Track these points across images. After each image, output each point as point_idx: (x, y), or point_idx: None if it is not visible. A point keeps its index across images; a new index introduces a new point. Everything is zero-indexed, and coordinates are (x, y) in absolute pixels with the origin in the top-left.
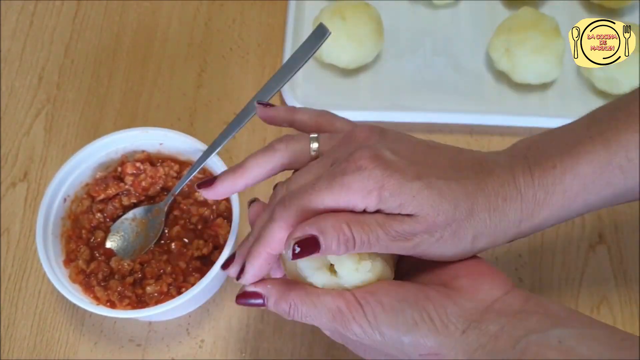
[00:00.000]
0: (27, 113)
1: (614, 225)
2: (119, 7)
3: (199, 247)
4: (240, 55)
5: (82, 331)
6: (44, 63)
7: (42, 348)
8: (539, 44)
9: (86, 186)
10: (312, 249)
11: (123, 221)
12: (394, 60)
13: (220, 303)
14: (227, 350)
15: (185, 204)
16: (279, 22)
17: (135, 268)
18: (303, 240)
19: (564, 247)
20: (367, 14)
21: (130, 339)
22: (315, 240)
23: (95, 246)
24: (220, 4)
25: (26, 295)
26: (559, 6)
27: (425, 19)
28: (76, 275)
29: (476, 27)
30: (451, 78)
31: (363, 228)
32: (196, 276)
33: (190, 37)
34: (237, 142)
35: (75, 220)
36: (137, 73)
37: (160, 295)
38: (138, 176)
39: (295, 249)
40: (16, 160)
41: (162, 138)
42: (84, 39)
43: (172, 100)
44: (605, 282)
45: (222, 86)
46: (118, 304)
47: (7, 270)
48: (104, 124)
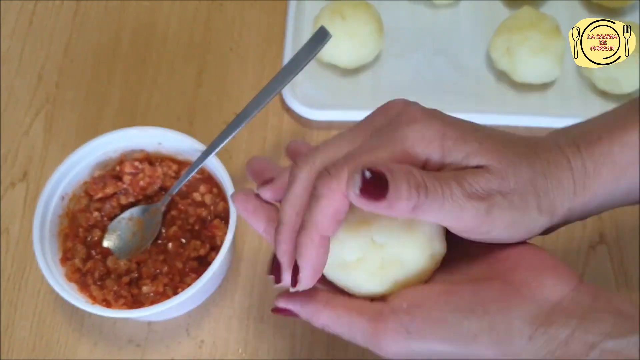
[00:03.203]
0: (27, 113)
1: (615, 225)
2: (119, 7)
3: (196, 247)
4: (240, 55)
5: (82, 331)
6: (44, 62)
7: (42, 348)
8: (540, 43)
9: (84, 184)
10: (378, 192)
11: (120, 220)
12: (394, 60)
13: (220, 303)
14: (226, 351)
15: (183, 204)
16: (279, 22)
17: (132, 268)
18: (369, 178)
19: (565, 246)
20: (367, 13)
21: (130, 340)
22: (382, 180)
23: (92, 245)
24: (220, 4)
25: (25, 295)
26: (559, 6)
27: (425, 19)
28: (72, 273)
29: (476, 27)
30: (451, 78)
31: (435, 177)
32: (193, 277)
33: (190, 37)
34: (237, 142)
35: (73, 218)
36: (137, 73)
37: (156, 296)
38: (136, 175)
39: (365, 175)
40: (15, 160)
41: (161, 138)
42: (84, 38)
43: (172, 100)
44: (605, 282)
45: (221, 86)
46: (114, 303)
47: (6, 271)
48: (104, 123)
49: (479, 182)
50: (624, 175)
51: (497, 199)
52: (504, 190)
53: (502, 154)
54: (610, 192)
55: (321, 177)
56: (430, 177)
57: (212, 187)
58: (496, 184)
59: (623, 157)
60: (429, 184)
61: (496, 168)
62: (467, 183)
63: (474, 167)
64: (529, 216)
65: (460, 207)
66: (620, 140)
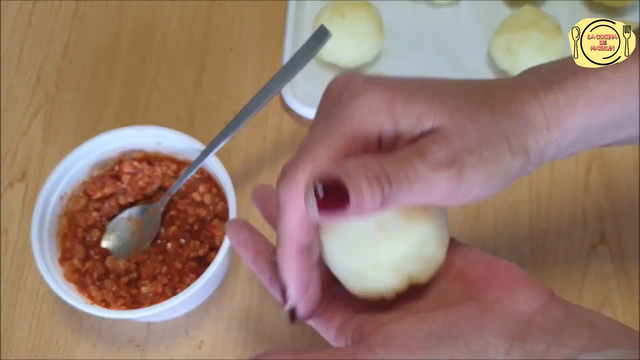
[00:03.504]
0: (26, 113)
1: (616, 225)
2: (118, 7)
3: (195, 248)
4: (240, 54)
5: (81, 332)
6: (43, 62)
7: (41, 349)
8: (541, 43)
9: (83, 184)
10: (339, 201)
11: (119, 220)
12: (395, 59)
13: (220, 304)
14: (226, 351)
15: (182, 204)
16: (279, 21)
17: (131, 268)
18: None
19: (566, 247)
20: (367, 12)
21: (129, 340)
22: (339, 186)
23: (91, 245)
24: (219, 4)
25: (24, 296)
26: (560, 5)
27: (426, 18)
28: (71, 274)
29: (477, 26)
30: (452, 77)
31: (394, 159)
32: (192, 277)
33: (190, 37)
34: (237, 142)
35: (72, 218)
36: (136, 72)
37: (155, 296)
38: (135, 175)
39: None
40: (14, 160)
41: (160, 137)
42: (83, 38)
43: (172, 100)
44: (607, 283)
45: (221, 86)
46: (112, 303)
47: (5, 271)
48: (103, 123)
49: (440, 147)
50: (600, 111)
51: (465, 159)
52: (469, 146)
53: (456, 107)
54: (585, 128)
55: (279, 183)
56: (389, 162)
57: (211, 187)
58: (459, 143)
59: (600, 92)
60: (391, 170)
61: (453, 125)
62: (429, 153)
63: (430, 131)
64: (503, 163)
65: (429, 181)
66: (597, 75)
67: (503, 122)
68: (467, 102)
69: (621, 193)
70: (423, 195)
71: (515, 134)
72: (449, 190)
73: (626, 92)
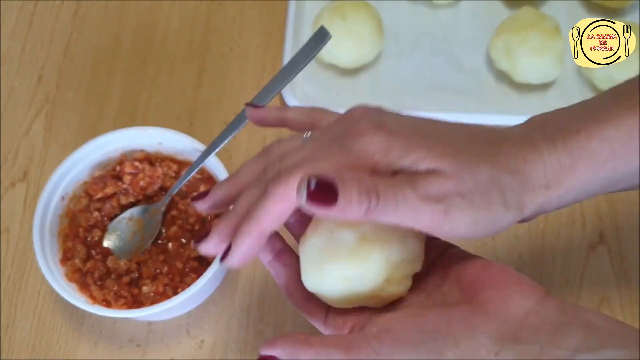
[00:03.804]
0: (27, 113)
1: (615, 225)
2: (119, 7)
3: None
4: (240, 55)
5: (82, 331)
6: (44, 63)
7: (42, 349)
8: (540, 43)
9: (84, 184)
10: (327, 198)
11: (120, 220)
12: (394, 60)
13: (220, 303)
14: (226, 351)
15: (183, 204)
16: (279, 21)
17: (132, 268)
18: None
19: (565, 247)
20: (367, 13)
21: (130, 339)
22: (331, 188)
23: (92, 245)
24: (219, 4)
25: (25, 295)
26: (559, 6)
27: (425, 19)
28: (72, 273)
29: (476, 27)
30: (451, 78)
31: (388, 182)
32: (193, 277)
33: (190, 37)
34: (237, 142)
35: (73, 218)
36: (137, 73)
37: (156, 296)
38: (136, 175)
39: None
40: (15, 160)
41: (161, 138)
42: (84, 38)
43: (172, 100)
44: (605, 283)
45: (221, 86)
46: (114, 303)
47: (6, 271)
48: (104, 123)
49: (432, 184)
50: (602, 169)
51: (455, 200)
52: (462, 191)
53: (454, 158)
54: (587, 184)
55: (273, 180)
56: (382, 182)
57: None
58: (452, 186)
59: (602, 152)
60: (381, 189)
61: (450, 170)
62: (421, 186)
63: (426, 170)
64: (494, 213)
65: (415, 209)
66: (599, 136)
67: (502, 177)
68: (467, 154)
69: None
70: (408, 219)
71: (512, 190)
72: (433, 222)
73: (628, 149)
